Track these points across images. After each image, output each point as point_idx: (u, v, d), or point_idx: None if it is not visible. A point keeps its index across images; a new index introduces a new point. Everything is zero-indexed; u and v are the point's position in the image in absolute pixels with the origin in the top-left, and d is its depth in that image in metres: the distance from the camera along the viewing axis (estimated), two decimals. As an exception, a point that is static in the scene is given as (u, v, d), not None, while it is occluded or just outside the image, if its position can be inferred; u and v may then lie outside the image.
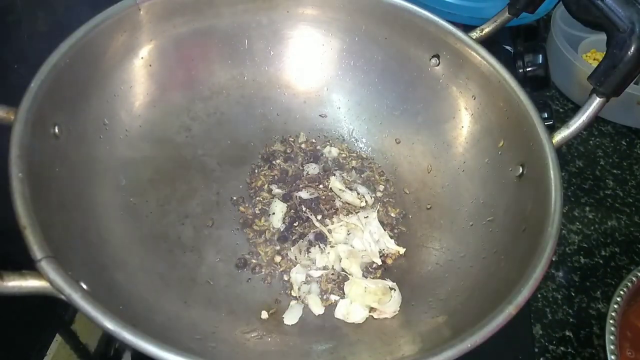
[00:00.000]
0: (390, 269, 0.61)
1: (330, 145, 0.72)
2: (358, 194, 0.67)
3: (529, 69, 0.86)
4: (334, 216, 0.65)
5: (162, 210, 0.61)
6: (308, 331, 0.55)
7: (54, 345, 0.57)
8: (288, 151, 0.70)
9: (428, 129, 0.70)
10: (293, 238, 0.62)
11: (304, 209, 0.64)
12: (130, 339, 0.38)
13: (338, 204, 0.66)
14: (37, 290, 0.39)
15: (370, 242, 0.62)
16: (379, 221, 0.64)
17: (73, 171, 0.53)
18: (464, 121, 0.67)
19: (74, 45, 0.53)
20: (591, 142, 0.91)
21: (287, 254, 0.61)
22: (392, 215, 0.67)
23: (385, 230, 0.64)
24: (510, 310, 0.45)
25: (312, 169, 0.69)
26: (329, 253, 0.61)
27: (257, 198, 0.65)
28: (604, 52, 0.52)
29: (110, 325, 0.38)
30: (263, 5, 0.69)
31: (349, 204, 0.66)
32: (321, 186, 0.67)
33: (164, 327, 0.50)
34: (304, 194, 0.65)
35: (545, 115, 0.78)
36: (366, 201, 0.66)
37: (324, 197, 0.66)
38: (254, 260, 0.61)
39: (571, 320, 0.68)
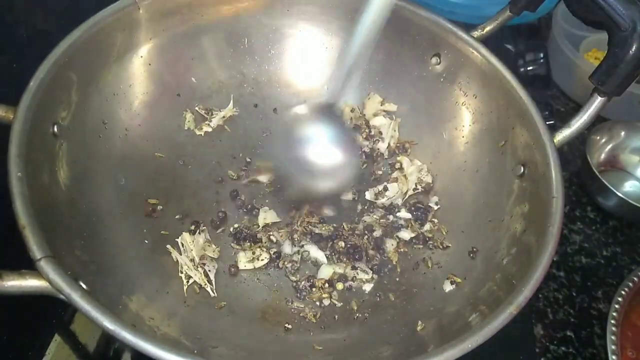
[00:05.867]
0: (386, 275, 0.61)
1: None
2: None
3: (530, 67, 0.86)
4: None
5: (161, 210, 0.61)
6: (308, 331, 0.55)
7: (52, 346, 0.56)
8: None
9: (429, 128, 0.70)
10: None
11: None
12: (130, 338, 0.37)
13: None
14: (36, 290, 0.39)
15: None
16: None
17: (72, 170, 0.53)
18: (465, 120, 0.67)
19: (73, 43, 0.53)
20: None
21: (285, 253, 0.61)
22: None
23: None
24: (511, 310, 0.45)
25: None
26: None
27: (258, 196, 0.65)
28: (606, 51, 0.52)
29: (110, 325, 0.38)
30: (263, 4, 0.69)
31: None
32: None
33: (163, 327, 0.50)
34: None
35: (546, 114, 0.78)
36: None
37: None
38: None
39: (572, 320, 0.68)
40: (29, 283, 0.39)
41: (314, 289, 0.58)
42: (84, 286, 0.40)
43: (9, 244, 0.42)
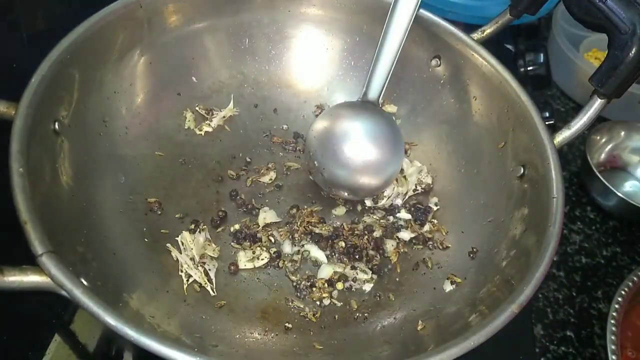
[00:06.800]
0: (386, 275, 0.61)
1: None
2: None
3: (530, 68, 0.86)
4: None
5: (161, 208, 0.61)
6: (308, 331, 0.55)
7: (52, 345, 0.56)
8: (288, 149, 0.70)
9: (428, 130, 0.70)
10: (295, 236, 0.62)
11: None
12: (132, 334, 0.37)
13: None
14: (37, 286, 0.39)
15: None
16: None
17: (73, 167, 0.53)
18: (465, 122, 0.67)
19: (75, 41, 0.53)
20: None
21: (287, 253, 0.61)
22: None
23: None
24: (512, 309, 0.45)
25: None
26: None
27: (258, 196, 0.65)
28: (606, 51, 0.52)
29: (112, 320, 0.37)
30: (264, 5, 0.69)
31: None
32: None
33: (164, 325, 0.50)
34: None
35: (547, 114, 0.78)
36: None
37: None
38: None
39: (572, 320, 0.68)
40: (30, 278, 0.38)
41: (314, 289, 0.58)
42: (85, 282, 0.40)
43: (9, 239, 0.42)
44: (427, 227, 0.64)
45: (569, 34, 0.91)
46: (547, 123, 0.58)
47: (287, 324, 0.55)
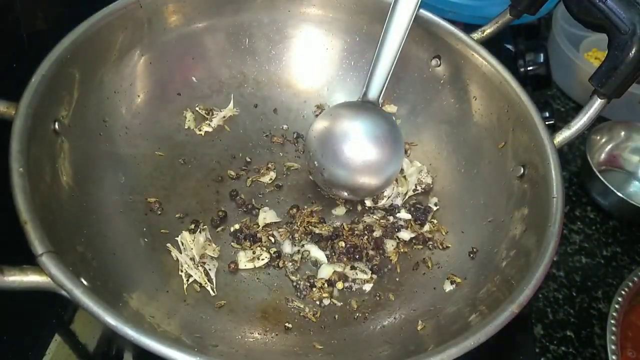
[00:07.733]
0: (386, 275, 0.61)
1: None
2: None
3: (530, 68, 0.86)
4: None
5: (161, 208, 0.61)
6: (308, 331, 0.55)
7: (52, 345, 0.56)
8: (288, 149, 0.70)
9: (428, 130, 0.70)
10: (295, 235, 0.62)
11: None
12: (132, 334, 0.37)
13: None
14: (37, 285, 0.39)
15: None
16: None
17: (73, 167, 0.53)
18: (465, 122, 0.67)
19: (75, 40, 0.53)
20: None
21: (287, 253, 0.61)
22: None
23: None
24: (512, 309, 0.45)
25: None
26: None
27: (258, 196, 0.65)
28: (606, 51, 0.52)
29: (112, 320, 0.37)
30: (264, 5, 0.69)
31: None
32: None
33: (164, 325, 0.50)
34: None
35: (547, 114, 0.78)
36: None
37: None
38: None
39: (572, 320, 0.68)
40: (30, 278, 0.38)
41: (314, 289, 0.58)
42: (85, 282, 0.40)
43: (10, 239, 0.41)
44: (427, 227, 0.64)
45: (569, 34, 0.91)
46: (547, 123, 0.58)
47: (287, 324, 0.55)
